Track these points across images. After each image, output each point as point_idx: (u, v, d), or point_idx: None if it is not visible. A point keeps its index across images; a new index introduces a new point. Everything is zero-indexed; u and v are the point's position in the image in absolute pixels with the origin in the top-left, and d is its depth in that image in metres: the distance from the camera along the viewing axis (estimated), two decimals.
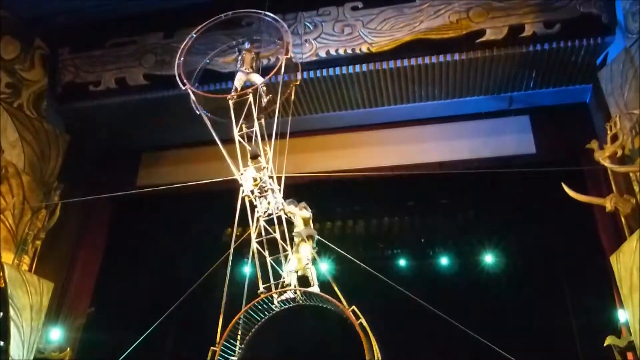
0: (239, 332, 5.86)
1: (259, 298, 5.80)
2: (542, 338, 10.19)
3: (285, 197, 6.64)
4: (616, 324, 7.76)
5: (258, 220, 6.38)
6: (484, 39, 8.90)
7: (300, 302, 5.91)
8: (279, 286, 5.88)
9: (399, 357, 11.02)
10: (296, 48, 9.41)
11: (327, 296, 5.67)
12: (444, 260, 12.24)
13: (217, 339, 5.77)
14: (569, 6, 8.65)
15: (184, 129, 11.03)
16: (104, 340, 9.74)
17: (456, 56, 9.07)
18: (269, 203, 6.52)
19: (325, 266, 6.05)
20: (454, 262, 12.18)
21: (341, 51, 9.27)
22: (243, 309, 5.79)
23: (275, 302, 5.86)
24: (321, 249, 6.88)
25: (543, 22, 8.70)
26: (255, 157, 6.90)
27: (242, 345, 5.89)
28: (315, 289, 5.88)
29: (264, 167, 6.65)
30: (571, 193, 8.26)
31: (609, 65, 8.61)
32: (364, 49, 9.24)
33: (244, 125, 6.91)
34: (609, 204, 7.89)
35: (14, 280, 8.79)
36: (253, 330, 5.97)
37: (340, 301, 5.71)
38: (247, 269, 6.67)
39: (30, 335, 8.80)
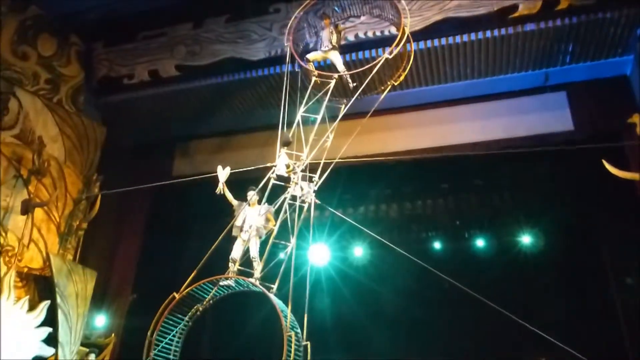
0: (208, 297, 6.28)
1: (221, 276, 6.20)
2: (585, 318, 10.01)
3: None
4: None
5: (284, 201, 6.53)
6: (517, 14, 8.61)
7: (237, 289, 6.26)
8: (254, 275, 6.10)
9: (433, 340, 11.06)
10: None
11: (279, 305, 5.67)
12: (479, 243, 12.10)
13: (182, 289, 6.20)
14: None
15: (217, 118, 11.20)
16: (146, 326, 10.03)
17: (488, 33, 8.83)
18: (302, 189, 6.66)
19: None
20: (489, 244, 12.02)
21: (370, 34, 9.15)
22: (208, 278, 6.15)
23: (229, 282, 6.22)
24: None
25: None
26: (286, 144, 6.95)
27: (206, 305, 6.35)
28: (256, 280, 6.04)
29: (303, 161, 6.73)
30: (612, 170, 8.01)
31: None
32: (393, 30, 9.10)
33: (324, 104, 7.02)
34: None
35: (60, 270, 9.22)
36: (217, 298, 6.36)
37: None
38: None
39: (77, 322, 9.16)
